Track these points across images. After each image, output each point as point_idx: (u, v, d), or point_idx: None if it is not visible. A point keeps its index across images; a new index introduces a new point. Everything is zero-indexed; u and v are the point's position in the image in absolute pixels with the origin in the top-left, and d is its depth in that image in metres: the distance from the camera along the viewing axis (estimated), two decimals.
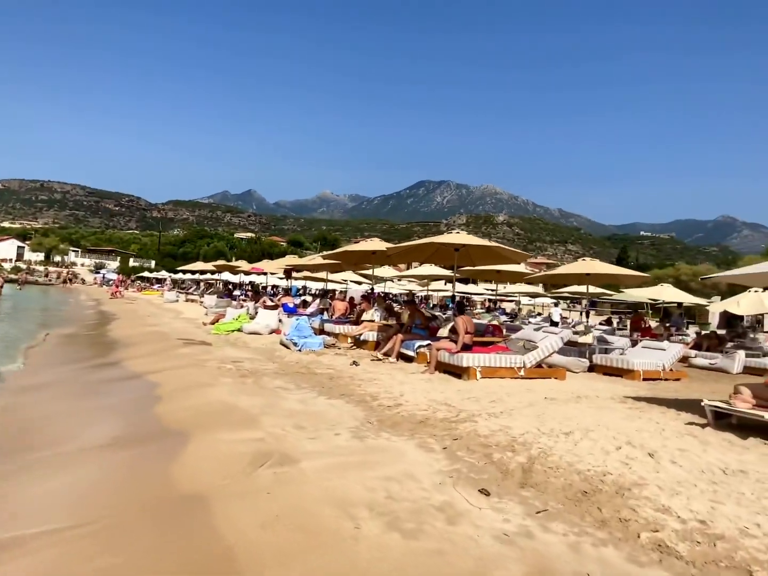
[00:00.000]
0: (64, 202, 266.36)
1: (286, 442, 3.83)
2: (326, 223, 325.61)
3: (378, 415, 4.74)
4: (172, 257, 67.97)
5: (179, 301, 23.81)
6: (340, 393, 5.60)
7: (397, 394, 5.55)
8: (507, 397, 5.62)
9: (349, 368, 7.18)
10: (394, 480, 3.18)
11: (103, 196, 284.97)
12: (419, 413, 4.78)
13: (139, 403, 5.24)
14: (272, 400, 5.17)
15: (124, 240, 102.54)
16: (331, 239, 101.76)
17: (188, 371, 6.68)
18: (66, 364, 8.15)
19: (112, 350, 9.26)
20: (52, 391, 6.20)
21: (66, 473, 3.48)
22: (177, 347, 8.89)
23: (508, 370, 6.63)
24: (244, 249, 70.42)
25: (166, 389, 5.72)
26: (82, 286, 44.63)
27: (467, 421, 4.57)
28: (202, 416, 4.58)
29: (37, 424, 4.74)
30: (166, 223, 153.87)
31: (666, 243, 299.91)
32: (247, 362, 7.48)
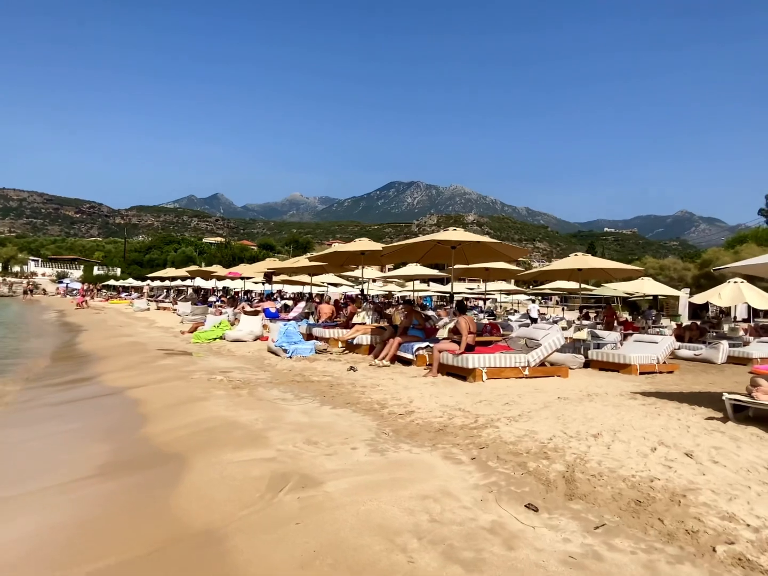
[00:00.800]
0: (21, 210, 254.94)
1: (301, 460, 3.48)
2: (296, 226, 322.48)
3: (391, 424, 4.43)
4: (138, 264, 65.75)
5: (150, 310, 22.84)
6: (344, 401, 5.26)
7: (406, 400, 5.25)
8: (519, 399, 5.40)
9: (347, 374, 6.84)
10: (431, 499, 2.89)
11: (62, 202, 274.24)
12: (435, 421, 4.50)
13: (124, 424, 4.76)
14: (274, 412, 4.79)
15: (87, 248, 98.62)
16: (303, 242, 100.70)
17: (175, 385, 6.20)
18: (33, 381, 7.51)
19: (85, 364, 8.62)
20: (20, 414, 5.63)
21: (46, 514, 3.02)
22: (157, 358, 8.34)
23: (513, 369, 6.42)
24: (214, 254, 68.67)
25: (154, 406, 5.24)
26: (45, 297, 42.52)
27: (488, 427, 4.31)
28: (200, 435, 4.16)
29: (3, 455, 4.22)
30: (130, 230, 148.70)
31: (629, 238, 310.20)
32: (237, 372, 7.04)
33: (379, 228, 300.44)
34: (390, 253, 8.64)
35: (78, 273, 69.19)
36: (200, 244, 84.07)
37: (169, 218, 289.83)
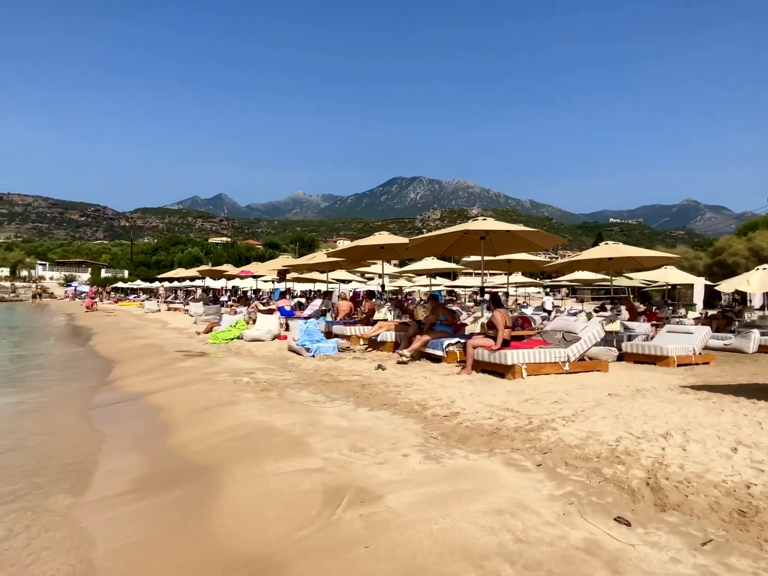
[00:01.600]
0: (26, 215, 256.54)
1: (352, 470, 3.18)
2: (300, 225, 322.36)
3: (437, 427, 4.13)
4: (145, 266, 65.76)
5: (161, 311, 22.66)
6: (381, 403, 4.97)
7: (447, 400, 4.95)
8: (567, 397, 5.08)
9: (377, 373, 6.54)
10: (508, 513, 2.58)
11: (67, 206, 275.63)
12: (485, 423, 4.19)
13: (151, 433, 4.48)
14: (309, 416, 4.49)
15: (94, 251, 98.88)
16: (308, 240, 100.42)
17: (199, 388, 5.93)
18: (48, 387, 7.27)
19: (103, 369, 8.37)
20: (34, 421, 5.37)
21: (78, 542, 2.75)
22: (176, 361, 8.09)
23: (553, 365, 6.10)
24: (220, 254, 68.58)
25: (181, 411, 4.97)
26: (53, 301, 42.53)
27: (544, 428, 4.00)
28: (235, 443, 3.88)
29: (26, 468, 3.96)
30: (136, 232, 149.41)
31: (635, 228, 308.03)
32: (261, 373, 6.76)
33: (382, 224, 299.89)
34: (414, 246, 8.32)
35: (86, 276, 69.33)
36: (206, 244, 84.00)
37: (173, 220, 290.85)
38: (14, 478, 3.61)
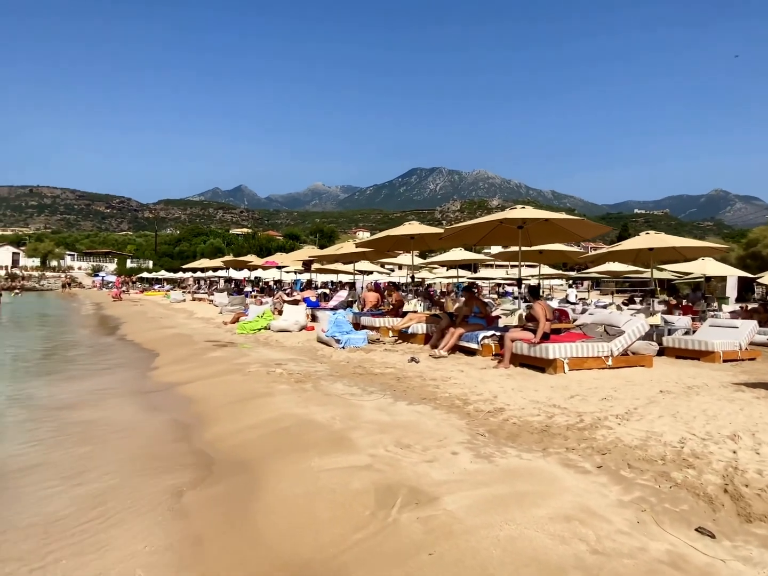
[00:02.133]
0: (55, 207, 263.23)
1: (401, 468, 3.04)
2: (320, 216, 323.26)
3: (483, 423, 3.95)
4: (169, 256, 66.81)
5: (186, 301, 22.91)
6: (419, 397, 4.81)
7: (489, 395, 4.76)
8: (616, 393, 4.84)
9: (410, 366, 6.38)
10: (576, 520, 2.40)
11: (94, 198, 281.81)
12: (532, 419, 4.00)
13: (188, 424, 4.40)
14: (348, 409, 4.37)
15: (119, 241, 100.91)
16: (328, 231, 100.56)
17: (232, 379, 5.86)
18: (80, 380, 7.32)
19: (135, 358, 8.41)
20: (65, 415, 5.37)
21: (124, 545, 2.67)
22: (206, 351, 8.07)
23: (596, 359, 5.84)
24: (241, 245, 69.25)
25: (217, 403, 4.90)
26: (82, 290, 43.55)
27: (598, 427, 3.78)
28: (276, 437, 3.77)
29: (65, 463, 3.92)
30: (159, 223, 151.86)
31: (660, 219, 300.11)
32: (293, 364, 6.67)
33: (401, 215, 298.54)
34: (448, 236, 8.10)
35: (112, 266, 70.83)
36: (227, 235, 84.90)
37: (195, 211, 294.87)
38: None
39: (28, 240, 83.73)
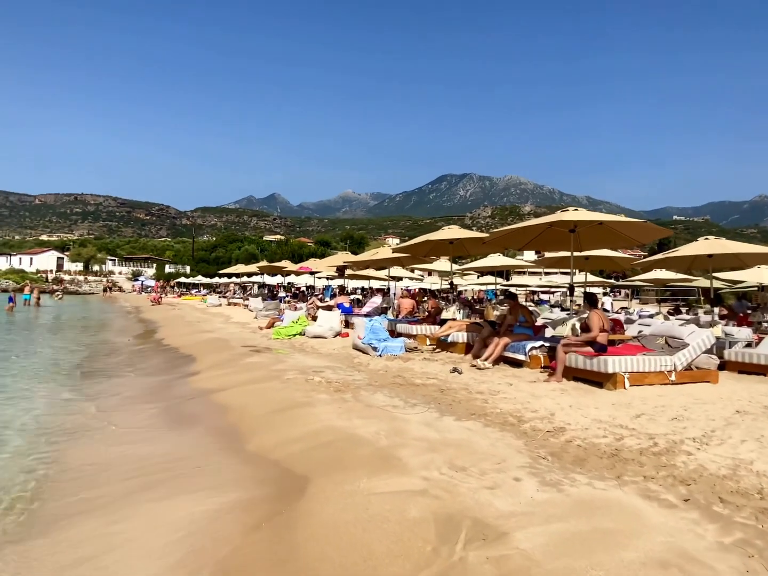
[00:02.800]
0: (98, 214, 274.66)
1: (460, 495, 2.75)
2: (350, 223, 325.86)
3: (543, 445, 3.61)
4: (205, 262, 68.43)
5: (222, 305, 23.22)
6: (467, 412, 4.50)
7: (545, 412, 4.41)
8: (687, 413, 4.40)
9: (453, 377, 6.07)
10: (675, 567, 2.07)
11: (134, 206, 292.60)
12: (599, 442, 3.63)
13: (229, 434, 4.24)
14: (392, 423, 4.10)
15: (158, 248, 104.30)
16: (358, 238, 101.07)
17: (271, 386, 5.69)
18: (127, 384, 7.33)
19: (175, 362, 8.42)
20: (123, 417, 5.31)
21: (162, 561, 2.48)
22: (244, 356, 7.97)
23: (658, 375, 5.39)
24: (274, 251, 70.30)
25: (256, 411, 4.73)
26: (122, 294, 45.04)
27: (676, 452, 3.39)
28: (319, 452, 3.54)
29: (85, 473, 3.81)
30: (196, 230, 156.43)
31: (701, 226, 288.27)
32: (330, 372, 6.46)
33: (431, 222, 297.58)
34: (492, 240, 7.77)
35: (151, 271, 73.16)
36: (261, 242, 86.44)
37: (230, 218, 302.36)
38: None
39: (72, 245, 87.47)
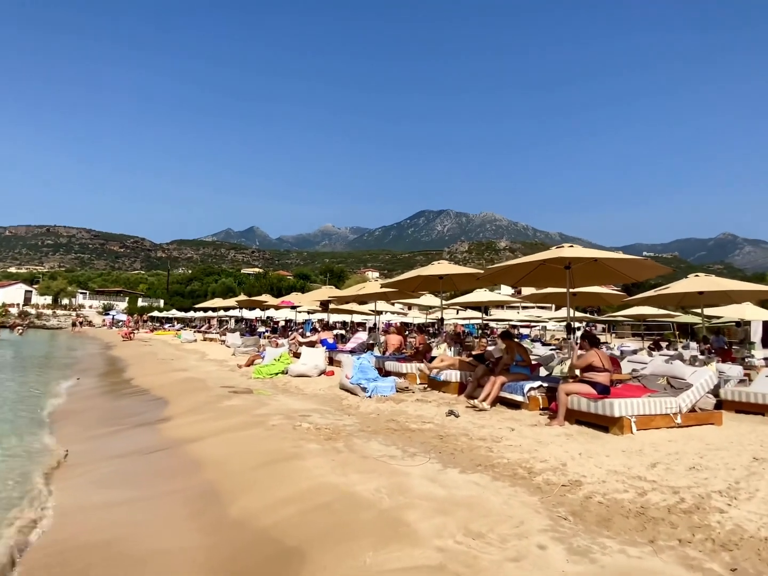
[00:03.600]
0: (70, 246, 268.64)
1: (482, 570, 2.40)
2: (329, 256, 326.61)
3: (561, 502, 3.29)
4: (180, 295, 66.96)
5: (197, 341, 22.40)
6: (472, 462, 4.15)
7: (555, 462, 4.10)
8: (702, 461, 4.15)
9: (450, 421, 5.72)
10: None
11: (108, 238, 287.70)
12: (621, 497, 3.33)
13: (209, 495, 3.76)
14: (392, 478, 3.72)
15: (131, 280, 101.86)
16: (338, 271, 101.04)
17: (253, 434, 5.23)
18: (89, 429, 6.73)
19: (145, 407, 7.82)
20: (83, 478, 4.77)
21: None
22: (222, 398, 7.46)
23: (664, 417, 5.16)
24: (252, 284, 69.37)
25: (239, 466, 4.27)
26: (92, 329, 43.30)
27: (706, 509, 3.11)
28: (314, 517, 3.13)
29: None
30: (172, 262, 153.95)
31: (670, 262, 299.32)
32: (317, 416, 6.04)
33: (410, 256, 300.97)
34: (485, 276, 7.61)
35: (123, 305, 70.97)
36: (239, 275, 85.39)
37: (207, 251, 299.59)
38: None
39: (42, 278, 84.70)
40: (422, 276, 8.70)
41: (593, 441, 4.79)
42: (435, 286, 9.51)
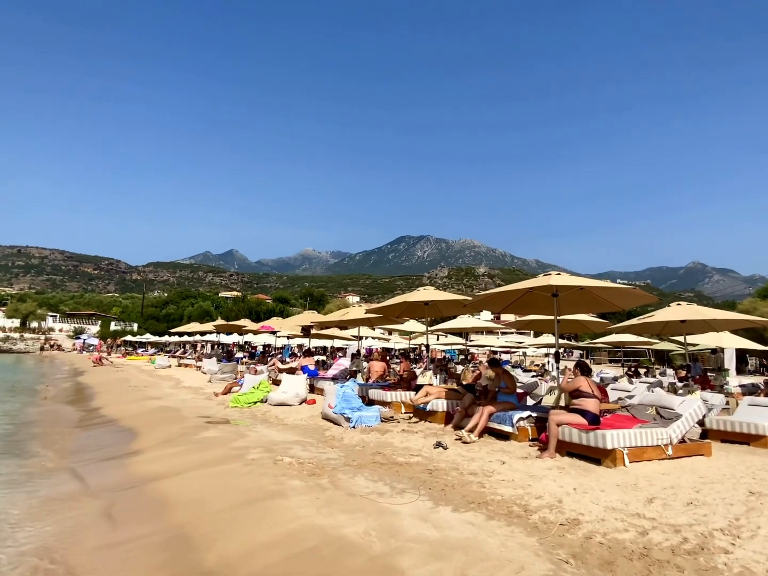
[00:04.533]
0: (42, 267, 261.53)
1: None
2: (309, 280, 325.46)
3: (560, 543, 3.13)
4: (155, 319, 65.26)
5: (171, 367, 21.69)
6: (464, 500, 3.96)
7: (550, 498, 3.94)
8: (699, 495, 4.04)
9: (438, 453, 5.53)
10: None
11: (82, 259, 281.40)
12: (621, 537, 3.18)
13: (177, 541, 3.45)
14: (382, 518, 3.51)
15: (104, 303, 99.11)
16: (318, 295, 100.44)
17: (232, 469, 4.93)
18: (52, 464, 6.28)
19: (114, 439, 7.38)
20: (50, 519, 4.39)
21: None
22: (198, 429, 7.10)
23: (655, 449, 5.07)
24: (230, 308, 68.20)
25: (216, 506, 3.97)
26: (61, 353, 41.66)
27: (711, 549, 2.99)
28: (302, 565, 2.89)
29: None
30: (147, 285, 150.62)
31: (643, 290, 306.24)
32: (299, 448, 5.77)
33: (390, 281, 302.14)
34: (474, 303, 7.54)
35: (95, 328, 68.77)
36: (216, 298, 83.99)
37: (184, 274, 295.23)
38: None
39: (10, 300, 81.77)
40: (408, 302, 8.60)
41: (587, 474, 4.65)
42: (419, 311, 9.41)
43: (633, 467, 4.86)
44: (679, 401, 5.59)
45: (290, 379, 10.04)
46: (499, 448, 5.75)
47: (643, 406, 5.81)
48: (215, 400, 10.48)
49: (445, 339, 32.57)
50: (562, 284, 6.03)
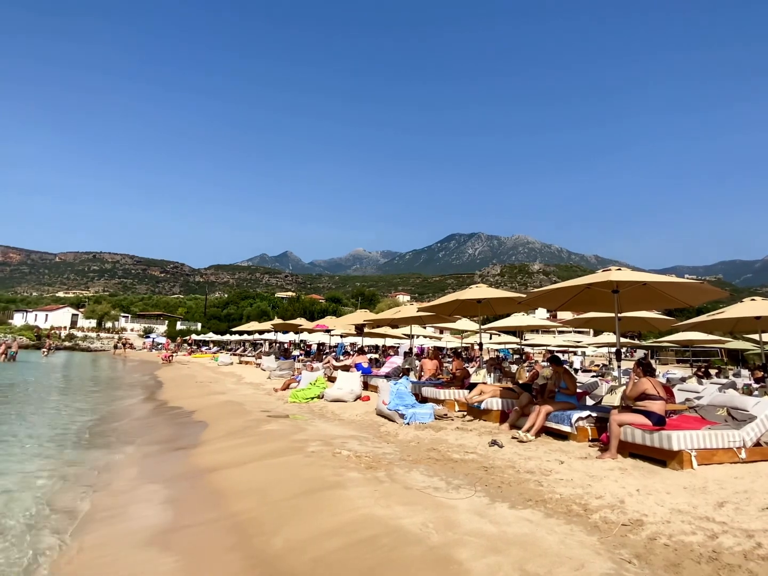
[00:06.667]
0: (114, 271, 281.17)
1: None
2: (360, 280, 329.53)
3: (622, 543, 3.07)
4: (217, 319, 68.54)
5: (233, 364, 22.75)
6: (521, 497, 3.95)
7: (611, 498, 3.85)
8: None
9: (494, 451, 5.51)
10: None
11: (150, 263, 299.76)
12: (689, 540, 3.08)
13: (246, 527, 3.70)
14: (439, 512, 3.58)
15: (170, 304, 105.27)
16: (369, 295, 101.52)
17: (293, 460, 5.17)
18: (133, 453, 6.83)
19: (186, 430, 7.90)
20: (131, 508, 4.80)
21: None
22: (261, 422, 7.46)
23: (727, 452, 4.81)
24: (286, 308, 70.41)
25: (278, 495, 4.19)
26: (133, 352, 44.75)
27: None
28: (362, 552, 3.01)
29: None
30: (209, 287, 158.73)
31: (714, 285, 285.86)
32: (356, 443, 5.94)
33: (441, 279, 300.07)
34: (528, 301, 7.44)
35: (162, 328, 73.29)
36: (273, 299, 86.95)
37: (243, 275, 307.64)
38: None
39: (87, 302, 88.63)
40: (460, 300, 8.59)
41: (651, 476, 4.49)
42: (472, 310, 9.37)
43: (702, 470, 4.63)
44: (754, 402, 5.25)
45: (345, 376, 10.30)
46: (557, 448, 5.65)
47: (713, 407, 5.51)
48: (275, 396, 10.93)
49: (498, 338, 32.02)
50: (623, 280, 5.81)
